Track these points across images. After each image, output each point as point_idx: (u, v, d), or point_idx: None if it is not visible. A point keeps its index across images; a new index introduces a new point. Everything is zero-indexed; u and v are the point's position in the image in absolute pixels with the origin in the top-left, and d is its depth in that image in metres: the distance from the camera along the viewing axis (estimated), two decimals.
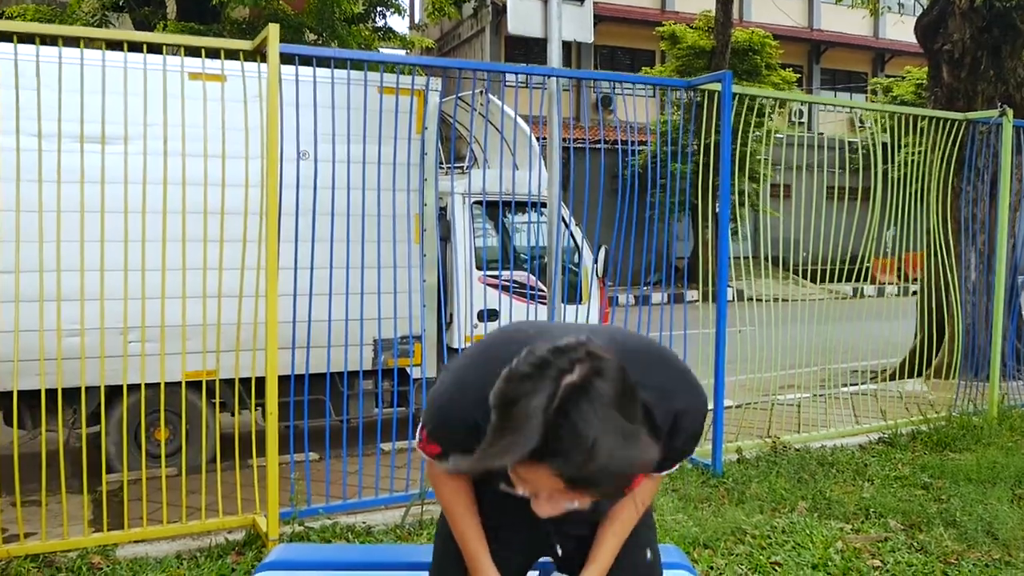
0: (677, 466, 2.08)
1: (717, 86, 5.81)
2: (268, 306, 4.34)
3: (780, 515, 4.84)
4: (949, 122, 7.08)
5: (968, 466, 5.67)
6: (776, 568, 4.08)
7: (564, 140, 5.85)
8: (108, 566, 4.21)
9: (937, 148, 7.09)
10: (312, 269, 4.76)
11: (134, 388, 5.06)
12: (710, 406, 5.66)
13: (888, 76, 30.11)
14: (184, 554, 4.42)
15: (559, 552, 2.16)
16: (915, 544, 4.43)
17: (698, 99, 6.79)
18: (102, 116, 4.40)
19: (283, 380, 4.77)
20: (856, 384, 8.78)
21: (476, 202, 7.05)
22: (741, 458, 5.99)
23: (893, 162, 7.03)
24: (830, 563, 4.14)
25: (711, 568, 4.09)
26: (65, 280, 4.36)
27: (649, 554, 2.23)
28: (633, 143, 7.23)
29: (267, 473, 4.44)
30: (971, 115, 7.19)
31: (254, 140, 4.69)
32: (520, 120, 7.06)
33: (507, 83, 5.72)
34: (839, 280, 8.50)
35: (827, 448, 6.36)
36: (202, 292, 4.60)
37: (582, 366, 1.50)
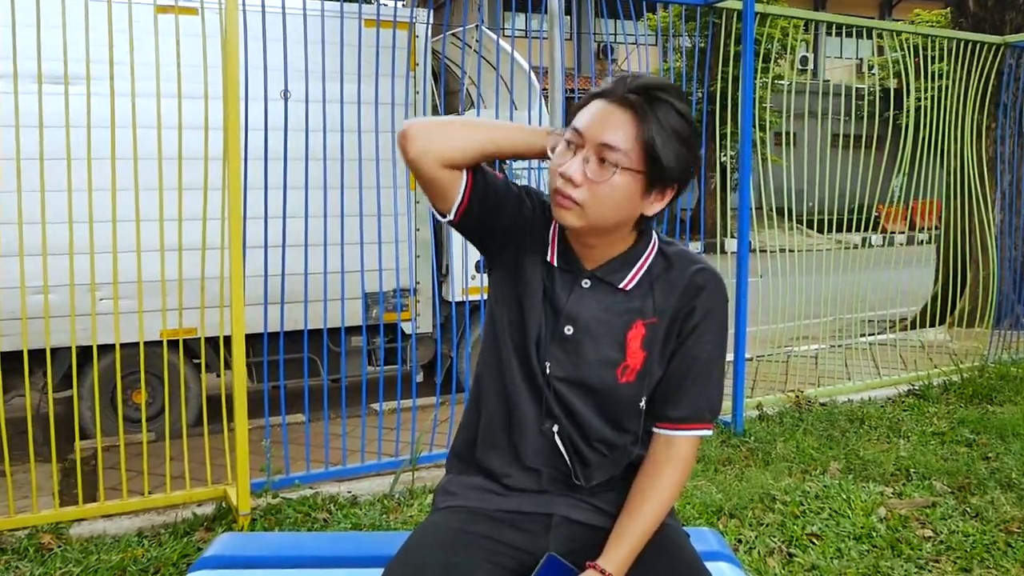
0: (710, 430, 1.80)
1: (737, 4, 5.24)
2: (232, 257, 3.81)
3: (811, 478, 4.35)
4: (980, 52, 6.49)
5: (1014, 420, 5.16)
6: (814, 541, 3.59)
7: (569, 92, 5.32)
8: (59, 546, 3.73)
9: (974, 76, 6.51)
10: (284, 218, 4.24)
11: (103, 350, 4.61)
12: (729, 357, 5.27)
13: (896, 20, 29.36)
14: (147, 531, 3.94)
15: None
16: (968, 510, 3.92)
17: (702, 44, 6.26)
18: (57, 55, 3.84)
19: (265, 338, 4.32)
20: (874, 334, 8.29)
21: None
22: (762, 414, 5.50)
23: (903, 108, 6.53)
24: (874, 533, 3.64)
25: (739, 541, 3.60)
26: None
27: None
28: None
29: (236, 439, 3.94)
30: (1010, 38, 6.60)
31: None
32: (518, 56, 6.53)
33: (506, 33, 5.21)
34: (846, 230, 8.07)
35: (854, 402, 5.87)
36: (160, 245, 4.10)
37: None
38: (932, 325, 8.82)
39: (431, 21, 5.86)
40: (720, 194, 16.24)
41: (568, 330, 1.73)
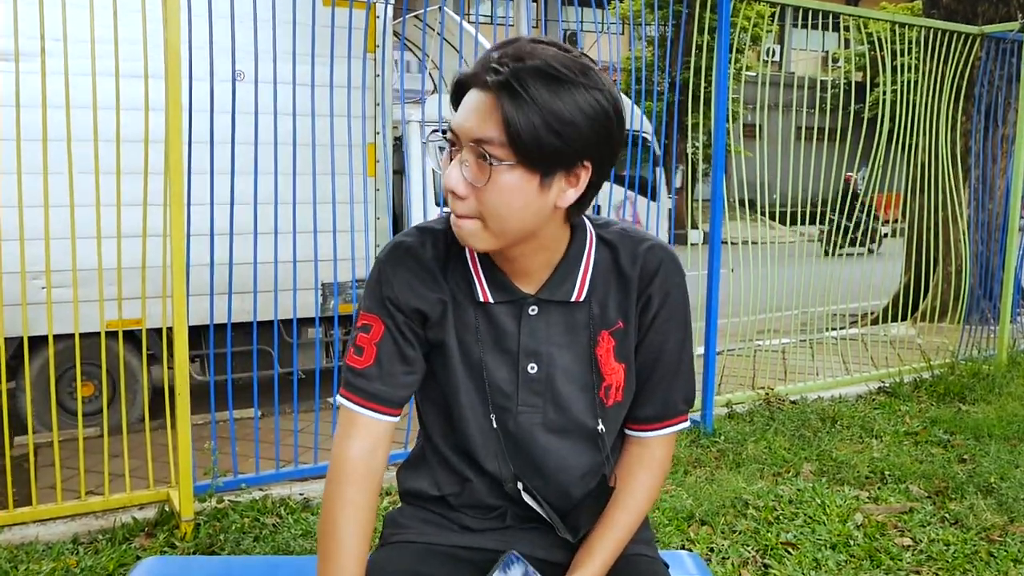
0: (686, 422, 1.58)
1: None
2: (174, 245, 3.55)
3: (784, 481, 4.18)
4: (954, 43, 6.35)
5: (988, 420, 5.04)
6: (789, 550, 3.41)
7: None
8: None
9: (949, 68, 6.38)
10: (232, 204, 3.99)
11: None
12: (699, 351, 5.08)
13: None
14: (83, 536, 3.69)
15: None
16: (947, 516, 3.77)
17: (671, 34, 6.09)
18: None
19: (217, 330, 4.09)
20: (840, 328, 8.18)
21: (434, 131, 6.30)
22: (732, 412, 5.33)
23: (868, 100, 6.40)
24: (851, 541, 3.48)
25: (711, 550, 3.42)
26: None
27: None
28: None
29: (178, 440, 3.70)
30: (986, 28, 6.47)
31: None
32: (482, 38, 6.31)
33: (470, 19, 5.01)
34: (809, 223, 7.96)
35: (824, 400, 5.73)
36: (96, 232, 3.84)
37: None
38: (901, 319, 8.73)
39: (391, 1, 5.62)
40: (688, 185, 16.12)
41: (532, 368, 1.48)
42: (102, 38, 3.69)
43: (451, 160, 1.35)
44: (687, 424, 1.60)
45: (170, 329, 3.72)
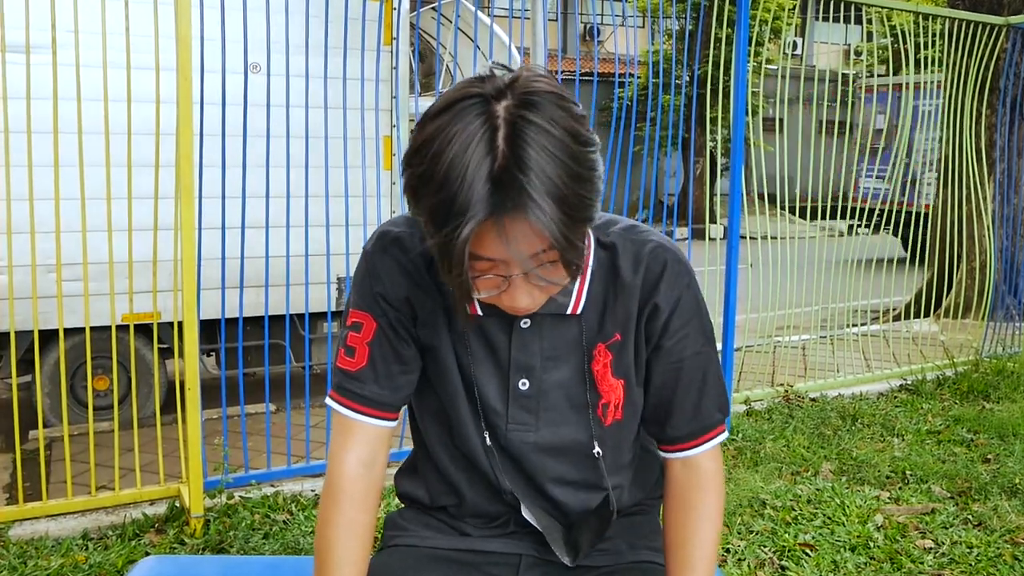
0: (725, 432, 1.46)
1: None
2: (184, 239, 3.52)
3: (803, 480, 4.11)
4: (979, 34, 6.24)
5: (1014, 419, 4.93)
6: (807, 552, 3.34)
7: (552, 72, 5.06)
8: None
9: (973, 60, 6.27)
10: (244, 198, 3.94)
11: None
12: (717, 347, 5.01)
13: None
14: (92, 532, 3.67)
15: None
16: (970, 517, 3.69)
17: (691, 27, 6.02)
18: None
19: (233, 324, 4.05)
20: (861, 325, 8.07)
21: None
22: (750, 410, 5.26)
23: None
24: (871, 543, 3.40)
25: (727, 551, 3.35)
26: None
27: None
28: (622, 75, 6.42)
29: (188, 435, 3.67)
30: (1012, 19, 6.35)
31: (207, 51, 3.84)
32: (498, 29, 6.25)
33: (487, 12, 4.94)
34: (831, 217, 7.86)
35: (845, 397, 5.64)
36: (107, 225, 3.81)
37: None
38: (924, 315, 8.61)
39: None
40: (708, 179, 16.02)
41: (523, 384, 1.39)
42: (114, 30, 3.65)
43: (505, 282, 1.18)
44: (726, 435, 1.49)
45: (181, 323, 3.68)
